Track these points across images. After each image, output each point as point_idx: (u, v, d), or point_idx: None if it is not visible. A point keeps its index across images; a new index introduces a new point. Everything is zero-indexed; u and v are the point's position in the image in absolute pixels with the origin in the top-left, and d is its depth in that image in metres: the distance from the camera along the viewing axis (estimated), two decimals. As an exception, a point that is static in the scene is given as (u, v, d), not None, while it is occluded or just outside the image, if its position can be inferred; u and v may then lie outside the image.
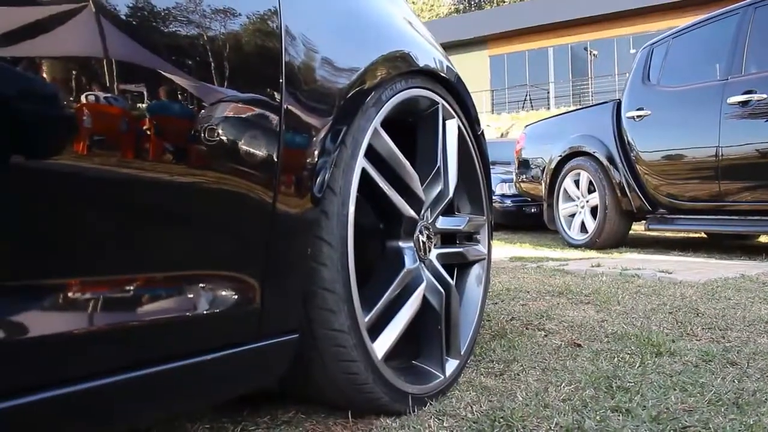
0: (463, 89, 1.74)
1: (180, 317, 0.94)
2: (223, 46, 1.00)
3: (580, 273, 3.85)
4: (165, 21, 0.92)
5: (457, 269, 1.83)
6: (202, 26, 0.97)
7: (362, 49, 1.32)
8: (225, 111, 0.98)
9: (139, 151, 0.87)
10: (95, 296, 0.83)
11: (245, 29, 1.04)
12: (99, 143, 0.81)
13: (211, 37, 0.98)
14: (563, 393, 1.56)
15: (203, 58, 0.96)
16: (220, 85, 0.98)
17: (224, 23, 1.01)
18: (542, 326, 2.33)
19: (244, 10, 1.04)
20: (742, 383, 1.64)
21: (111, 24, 0.84)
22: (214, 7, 0.99)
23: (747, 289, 3.12)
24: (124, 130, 0.85)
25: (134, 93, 0.86)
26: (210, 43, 0.98)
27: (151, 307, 0.91)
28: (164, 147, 0.90)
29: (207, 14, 0.98)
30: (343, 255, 1.23)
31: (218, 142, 0.97)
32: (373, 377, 1.32)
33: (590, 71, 27.77)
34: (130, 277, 0.87)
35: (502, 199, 8.52)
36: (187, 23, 0.95)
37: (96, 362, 0.84)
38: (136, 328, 0.88)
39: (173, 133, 0.91)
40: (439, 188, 1.58)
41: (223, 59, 0.99)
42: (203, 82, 0.96)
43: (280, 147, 1.08)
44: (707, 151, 4.77)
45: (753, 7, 4.73)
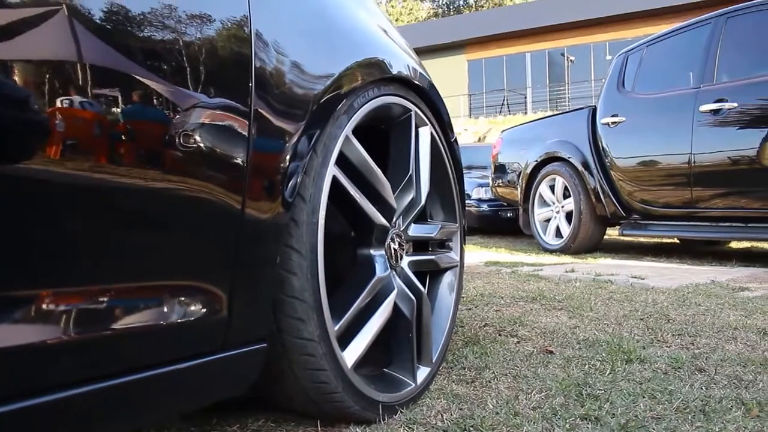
0: (437, 96, 1.74)
1: (143, 327, 0.92)
2: (191, 51, 0.99)
3: (554, 278, 3.87)
4: (133, 25, 0.91)
5: (429, 276, 1.83)
6: (170, 30, 0.96)
7: (334, 57, 1.31)
8: (192, 115, 0.97)
9: (101, 156, 0.85)
10: (53, 308, 0.81)
11: (214, 35, 1.03)
12: (59, 147, 0.80)
13: (179, 41, 0.97)
14: (534, 401, 1.56)
15: (170, 62, 0.95)
16: (187, 89, 0.97)
17: (193, 28, 1.00)
18: (515, 333, 2.34)
19: (214, 15, 1.03)
20: (709, 390, 1.65)
21: (82, 28, 0.83)
22: (183, 12, 0.98)
23: (717, 295, 3.16)
24: (85, 134, 0.84)
25: (98, 96, 0.85)
26: (177, 47, 0.96)
27: (114, 317, 0.89)
28: (128, 151, 0.89)
29: (175, 19, 0.97)
30: (312, 263, 1.22)
31: (184, 148, 0.96)
32: (342, 386, 1.32)
33: (567, 77, 28.00)
34: (91, 287, 0.86)
35: (479, 204, 8.55)
36: (155, 27, 0.94)
37: (56, 375, 0.83)
38: (98, 340, 0.87)
39: (137, 137, 0.90)
40: (411, 196, 1.57)
41: (191, 63, 0.98)
42: (170, 85, 0.95)
43: (249, 153, 1.07)
44: (680, 158, 4.82)
45: (725, 17, 4.80)
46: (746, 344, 2.14)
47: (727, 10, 4.88)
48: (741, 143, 4.45)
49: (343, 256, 1.48)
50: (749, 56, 4.69)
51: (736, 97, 4.45)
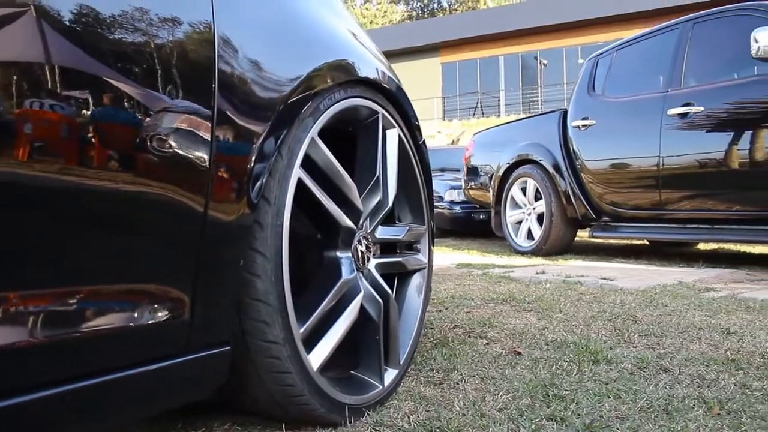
0: (404, 99, 1.74)
1: (102, 330, 0.91)
2: (153, 53, 0.98)
3: (524, 280, 3.90)
4: (95, 25, 0.90)
5: (397, 279, 1.84)
6: (133, 32, 0.95)
7: (300, 59, 1.31)
8: (154, 116, 0.97)
9: (60, 158, 0.84)
10: (6, 312, 0.80)
11: (176, 37, 1.03)
12: (15, 148, 0.79)
13: (141, 43, 0.96)
14: (500, 402, 1.57)
15: (132, 63, 0.95)
16: (149, 90, 0.97)
17: (155, 30, 0.99)
18: (484, 334, 2.35)
19: (177, 18, 1.03)
20: (673, 389, 1.68)
21: (48, 29, 0.82)
22: (146, 14, 0.98)
23: (683, 295, 3.20)
24: (44, 135, 0.83)
25: (56, 97, 0.84)
26: (139, 48, 0.96)
27: (72, 320, 0.88)
28: (88, 153, 0.88)
29: (138, 20, 0.96)
30: (277, 266, 1.22)
31: (146, 149, 0.96)
32: (308, 388, 1.31)
33: (540, 80, 28.25)
34: (48, 291, 0.85)
35: (452, 206, 8.58)
36: (118, 29, 0.93)
37: (11, 380, 0.82)
38: (55, 344, 0.86)
39: (97, 138, 0.89)
40: (378, 198, 1.57)
41: (153, 65, 0.98)
42: (131, 86, 0.94)
43: (212, 155, 1.06)
44: (649, 161, 4.89)
45: (692, 22, 4.88)
46: (710, 344, 2.17)
47: (693, 15, 4.96)
48: (707, 146, 4.53)
49: (310, 259, 1.48)
50: (715, 61, 4.77)
51: (702, 101, 4.53)
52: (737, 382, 1.73)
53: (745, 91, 4.33)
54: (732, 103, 4.38)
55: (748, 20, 4.29)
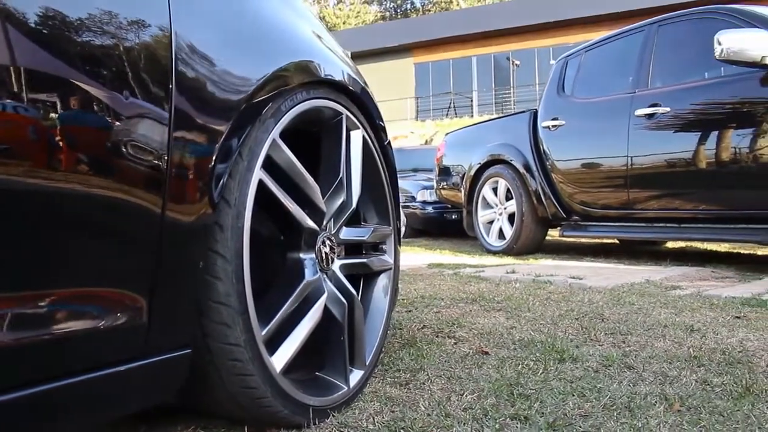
0: (369, 100, 1.74)
1: (55, 335, 0.90)
2: (108, 51, 0.97)
3: (495, 279, 3.92)
4: (50, 24, 0.89)
5: (363, 279, 1.83)
6: (88, 31, 0.94)
7: (260, 60, 1.31)
8: (108, 116, 0.96)
9: (11, 157, 0.83)
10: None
11: (132, 36, 1.02)
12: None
13: (96, 41, 0.96)
14: (465, 402, 1.58)
15: (87, 62, 0.94)
16: (103, 89, 0.95)
17: (110, 29, 0.98)
18: (453, 334, 2.36)
19: (132, 16, 1.02)
20: (636, 387, 1.70)
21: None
22: (101, 12, 0.97)
23: (650, 294, 3.25)
24: None
25: (9, 96, 0.83)
26: (95, 47, 0.95)
27: (25, 325, 0.87)
28: (41, 152, 0.87)
29: (93, 19, 0.95)
30: (238, 268, 1.21)
31: (100, 148, 0.95)
32: (271, 391, 1.31)
33: (512, 80, 28.45)
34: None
35: (424, 206, 8.60)
36: (73, 27, 0.92)
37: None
38: (5, 349, 0.84)
39: (50, 137, 0.88)
40: (342, 199, 1.57)
41: (108, 64, 0.97)
42: (86, 85, 0.93)
43: (169, 156, 1.05)
44: (617, 161, 4.94)
45: (657, 25, 4.95)
46: (674, 341, 2.20)
47: (658, 18, 5.03)
48: (674, 147, 4.59)
49: (273, 260, 1.47)
50: (680, 63, 4.84)
51: (668, 102, 4.59)
52: (698, 378, 1.76)
53: (710, 92, 4.40)
54: (697, 103, 4.45)
55: (712, 23, 4.36)
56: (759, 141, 4.01)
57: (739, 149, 4.12)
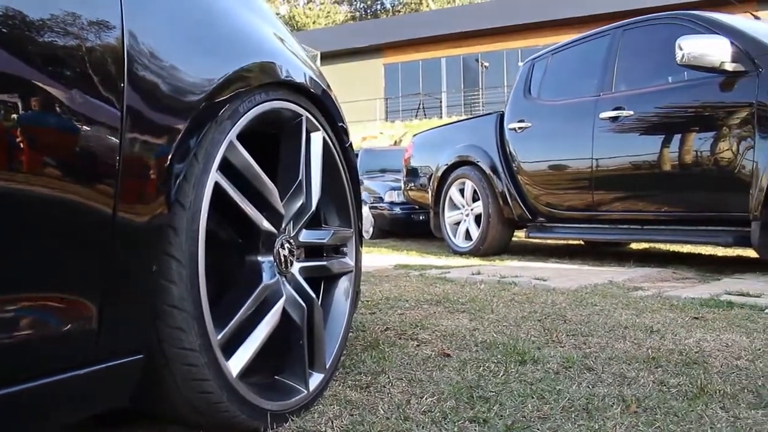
0: (330, 102, 1.73)
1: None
2: (59, 49, 0.95)
3: (460, 281, 3.93)
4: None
5: (324, 282, 1.82)
6: (37, 28, 0.92)
7: (217, 61, 1.29)
8: (57, 114, 0.94)
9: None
10: None
11: (83, 34, 0.99)
12: None
13: (44, 40, 0.93)
14: (425, 405, 1.58)
15: (36, 59, 0.92)
16: (52, 87, 0.93)
17: (61, 26, 0.96)
18: (416, 336, 2.35)
19: (81, 14, 1.00)
20: (595, 388, 1.71)
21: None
22: (50, 10, 0.95)
23: (612, 295, 3.28)
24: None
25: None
26: (44, 45, 0.93)
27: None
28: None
29: (42, 17, 0.93)
30: (193, 271, 1.19)
31: (48, 147, 0.93)
32: (227, 395, 1.29)
33: (481, 82, 28.62)
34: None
35: (391, 207, 8.61)
36: (21, 24, 0.90)
37: None
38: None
39: None
40: (302, 201, 1.56)
41: (58, 62, 0.95)
42: (35, 83, 0.91)
43: (121, 156, 1.03)
44: (582, 163, 4.99)
45: (622, 29, 5.02)
46: (633, 342, 2.23)
47: (623, 22, 5.10)
48: (637, 149, 4.66)
49: (231, 263, 1.46)
50: (644, 67, 4.91)
51: (632, 105, 4.65)
52: (656, 379, 1.78)
53: (672, 96, 4.47)
54: (659, 107, 4.52)
55: (674, 29, 4.43)
56: (719, 144, 4.08)
57: (700, 152, 4.20)
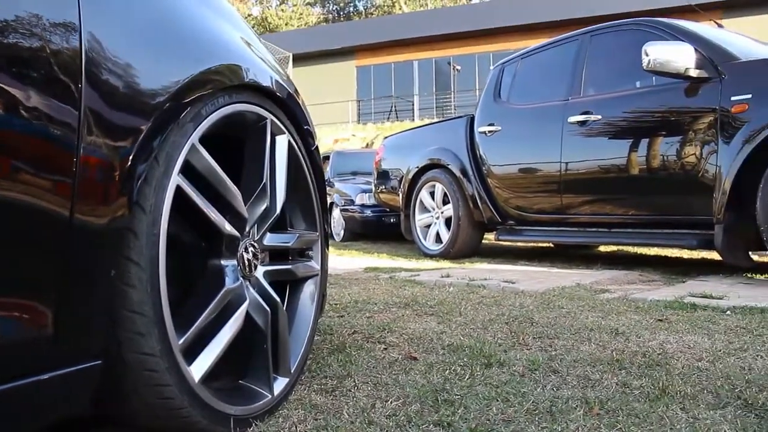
0: (296, 105, 1.73)
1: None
2: (15, 49, 0.94)
3: (429, 284, 3.94)
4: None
5: (289, 286, 1.81)
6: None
7: (180, 63, 1.28)
8: (12, 114, 0.92)
9: None
10: None
11: (40, 34, 0.98)
12: None
13: (1, 40, 0.92)
14: (390, 409, 1.58)
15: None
16: (10, 87, 0.92)
17: (17, 26, 0.94)
18: (383, 339, 2.35)
19: (38, 14, 0.98)
20: (559, 391, 1.72)
21: None
22: (5, 10, 0.93)
23: (580, 297, 3.31)
24: None
25: None
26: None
27: None
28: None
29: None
30: (153, 276, 1.18)
31: (3, 148, 0.91)
32: (189, 401, 1.28)
33: (453, 85, 28.75)
34: None
35: (362, 209, 8.61)
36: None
37: None
38: None
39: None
40: (266, 205, 1.55)
41: (15, 62, 0.93)
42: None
43: (79, 158, 1.02)
44: (551, 167, 5.04)
45: (590, 35, 5.08)
46: (599, 344, 2.25)
47: (592, 28, 5.16)
48: (605, 153, 4.71)
49: (194, 267, 1.44)
50: (611, 72, 4.98)
51: (599, 109, 4.71)
52: (619, 381, 1.80)
53: (638, 101, 4.53)
54: (626, 112, 4.58)
55: (640, 35, 4.50)
56: (684, 149, 4.15)
57: (666, 157, 4.26)
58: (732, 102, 3.85)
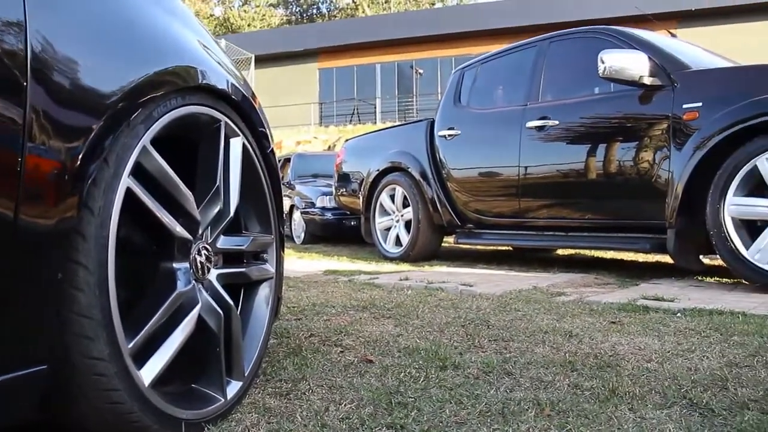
0: (251, 108, 1.72)
1: None
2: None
3: (388, 286, 3.95)
4: None
5: (244, 289, 1.81)
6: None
7: (131, 64, 1.26)
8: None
9: None
10: None
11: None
12: None
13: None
14: (343, 412, 1.58)
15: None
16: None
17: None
18: (339, 342, 2.35)
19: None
20: (512, 393, 1.75)
21: None
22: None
23: (536, 300, 3.35)
24: None
25: None
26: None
27: None
28: None
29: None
30: (102, 279, 1.16)
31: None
32: (139, 405, 1.26)
33: (415, 89, 28.88)
34: None
35: (323, 212, 8.60)
36: None
37: None
38: None
39: None
40: (219, 207, 1.54)
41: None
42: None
43: (23, 158, 1.00)
44: (509, 171, 5.10)
45: (548, 41, 5.16)
46: (552, 347, 2.28)
47: (551, 34, 5.24)
48: (562, 158, 4.79)
49: (145, 270, 1.43)
50: (569, 78, 5.06)
51: (557, 115, 4.78)
52: (571, 382, 1.83)
53: (595, 107, 4.62)
54: (583, 117, 4.65)
55: (597, 42, 4.58)
56: (638, 155, 4.24)
57: (622, 162, 4.35)
58: (684, 109, 3.95)
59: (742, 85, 3.83)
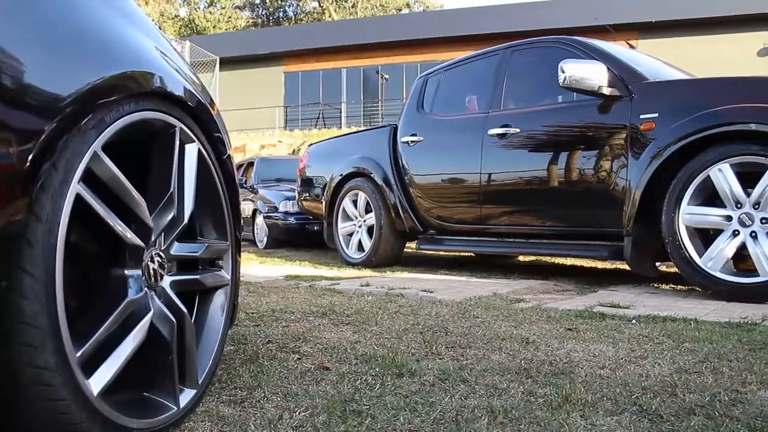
0: (207, 114, 1.71)
1: None
2: None
3: (348, 292, 3.95)
4: None
5: (199, 296, 1.79)
6: None
7: (81, 68, 1.24)
8: None
9: None
10: None
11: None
12: None
13: None
14: (297, 420, 1.57)
15: None
16: None
17: None
18: (297, 349, 2.34)
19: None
20: (466, 400, 1.76)
21: None
22: None
23: (495, 307, 3.38)
24: None
25: None
26: None
27: None
28: None
29: None
30: (48, 286, 1.14)
31: None
32: (87, 415, 1.24)
33: (381, 94, 28.94)
34: None
35: (286, 217, 8.56)
36: None
37: None
38: None
39: None
40: (173, 214, 1.53)
41: None
42: None
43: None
44: (471, 178, 5.14)
45: (510, 50, 5.22)
46: (509, 354, 2.30)
47: (513, 43, 5.31)
48: (523, 166, 4.85)
49: (96, 277, 1.40)
50: (530, 87, 5.13)
51: (518, 123, 4.84)
52: (525, 390, 1.85)
53: (555, 116, 4.69)
54: (544, 125, 4.72)
55: (558, 51, 4.65)
56: (597, 163, 4.32)
57: (581, 170, 4.42)
58: (641, 120, 4.03)
59: (696, 97, 3.93)
